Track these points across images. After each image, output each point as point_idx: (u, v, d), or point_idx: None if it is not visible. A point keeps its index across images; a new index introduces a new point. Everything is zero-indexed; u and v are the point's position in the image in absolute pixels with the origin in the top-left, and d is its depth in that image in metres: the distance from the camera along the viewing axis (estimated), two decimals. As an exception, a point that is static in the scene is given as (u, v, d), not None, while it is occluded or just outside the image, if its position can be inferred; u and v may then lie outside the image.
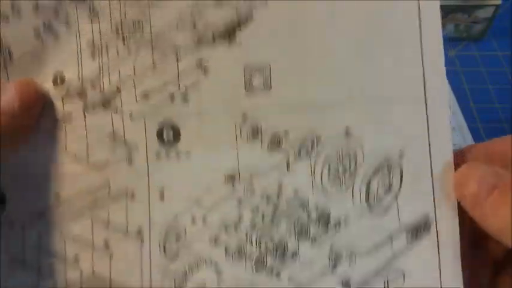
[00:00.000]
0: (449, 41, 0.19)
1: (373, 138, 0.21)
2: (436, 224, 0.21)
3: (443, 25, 0.23)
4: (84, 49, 0.21)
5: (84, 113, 0.21)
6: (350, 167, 0.21)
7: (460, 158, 0.21)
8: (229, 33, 0.21)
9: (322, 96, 0.21)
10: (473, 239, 0.21)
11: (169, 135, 0.21)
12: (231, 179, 0.21)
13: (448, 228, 0.20)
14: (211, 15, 0.21)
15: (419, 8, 0.20)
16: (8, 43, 0.21)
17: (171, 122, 0.21)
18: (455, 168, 0.20)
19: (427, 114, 0.21)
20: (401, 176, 0.21)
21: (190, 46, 0.21)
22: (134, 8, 0.21)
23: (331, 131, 0.21)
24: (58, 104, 0.21)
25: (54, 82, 0.21)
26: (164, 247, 0.21)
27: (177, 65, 0.21)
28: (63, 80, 0.21)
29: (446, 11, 0.49)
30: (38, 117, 0.20)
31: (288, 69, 0.21)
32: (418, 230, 0.21)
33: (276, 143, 0.21)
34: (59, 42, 0.21)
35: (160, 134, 0.21)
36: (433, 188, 0.20)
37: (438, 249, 0.21)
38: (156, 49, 0.21)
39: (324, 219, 0.21)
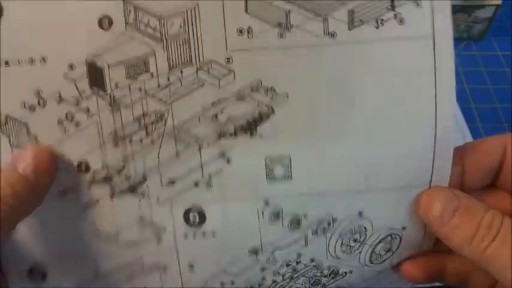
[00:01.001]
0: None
1: (383, 217, 0.23)
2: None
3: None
4: (107, 139, 0.21)
5: (111, 198, 0.22)
6: (360, 239, 0.23)
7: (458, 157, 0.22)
8: (251, 126, 0.21)
9: (339, 184, 0.22)
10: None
11: (195, 218, 0.22)
12: (255, 252, 0.23)
13: None
14: (233, 109, 0.20)
15: (436, 114, 0.21)
16: (35, 132, 0.21)
17: (197, 206, 0.22)
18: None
19: None
20: (400, 242, 0.24)
21: (213, 138, 0.21)
22: (156, 101, 0.20)
23: (346, 214, 0.22)
24: (85, 189, 0.22)
25: (79, 169, 0.21)
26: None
27: (200, 155, 0.21)
28: (88, 168, 0.21)
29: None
30: (51, 182, 0.21)
31: (307, 160, 0.21)
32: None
33: (295, 223, 0.22)
34: (82, 132, 0.21)
35: (186, 217, 0.22)
36: None
37: None
38: (179, 140, 0.21)
39: (334, 274, 0.24)
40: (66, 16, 0.20)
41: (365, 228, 0.23)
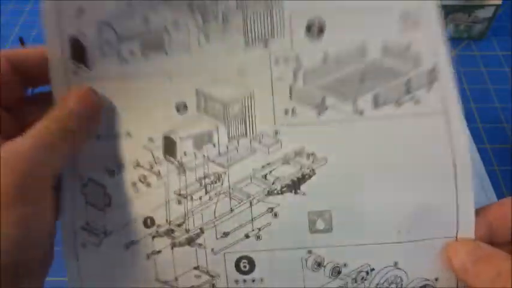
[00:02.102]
0: (449, 41, 0.22)
1: (417, 268, 0.26)
2: None
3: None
4: (172, 197, 0.25)
5: (172, 249, 0.25)
6: None
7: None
8: (295, 185, 0.26)
9: (375, 236, 0.25)
10: None
11: (245, 267, 0.26)
12: (299, 296, 0.26)
13: None
14: (280, 171, 0.25)
15: (455, 175, 0.26)
16: (110, 192, 0.25)
17: (247, 255, 0.26)
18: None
19: None
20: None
21: (262, 196, 0.25)
22: (216, 165, 0.25)
23: (382, 264, 0.26)
24: (148, 241, 0.25)
25: (145, 224, 0.25)
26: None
27: (251, 210, 0.25)
28: (153, 223, 0.25)
29: (447, 11, 0.49)
30: (99, 119, 0.24)
31: (346, 214, 0.25)
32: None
33: (336, 271, 0.26)
34: (151, 192, 0.25)
35: (238, 265, 0.26)
36: None
37: None
38: (233, 197, 0.25)
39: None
40: (152, 102, 0.25)
41: (401, 278, 0.26)
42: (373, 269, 0.26)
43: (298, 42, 0.26)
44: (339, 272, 0.26)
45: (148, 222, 0.25)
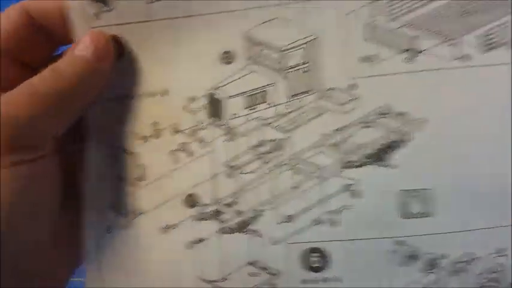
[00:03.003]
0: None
1: None
2: None
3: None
4: (220, 170, 0.20)
5: (219, 236, 0.20)
6: (499, 278, 0.20)
7: None
8: (381, 155, 0.19)
9: (486, 220, 0.19)
10: None
11: (316, 262, 0.20)
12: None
13: None
14: (359, 137, 0.20)
15: None
16: (144, 162, 0.20)
17: (318, 247, 0.20)
18: None
19: None
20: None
21: (336, 168, 0.20)
22: (273, 129, 0.20)
23: (485, 252, 0.20)
24: (190, 225, 0.20)
25: (186, 203, 0.20)
26: None
27: (321, 187, 0.20)
28: (196, 202, 0.20)
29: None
30: (111, 66, 0.20)
31: (451, 194, 0.19)
32: None
33: (431, 265, 0.20)
34: (193, 162, 0.20)
35: (306, 260, 0.20)
36: None
37: None
38: (297, 171, 0.20)
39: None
40: (189, 51, 0.20)
41: (502, 266, 0.20)
42: (474, 258, 0.20)
43: None
44: (434, 265, 0.20)
45: (191, 200, 0.20)
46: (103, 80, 0.20)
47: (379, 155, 0.19)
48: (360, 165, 0.20)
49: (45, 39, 0.21)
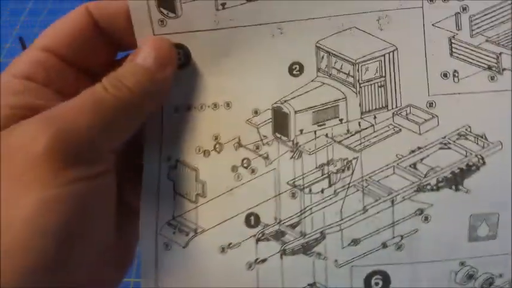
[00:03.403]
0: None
1: None
2: None
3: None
4: (284, 189, 0.19)
5: (281, 258, 0.19)
6: None
7: None
8: (457, 179, 0.18)
9: None
10: None
11: (378, 284, 0.19)
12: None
13: None
14: (436, 159, 0.18)
15: None
16: (204, 178, 0.19)
17: (381, 270, 0.19)
18: None
19: None
20: None
21: (409, 192, 0.18)
22: (344, 148, 0.19)
23: None
24: (251, 245, 0.19)
25: (248, 223, 0.19)
26: None
27: (393, 211, 0.19)
28: (258, 222, 0.19)
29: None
30: (172, 74, 0.19)
31: None
32: None
33: (488, 284, 0.19)
34: (257, 181, 0.19)
35: (368, 283, 0.19)
36: None
37: None
38: (368, 193, 0.19)
39: None
40: (256, 62, 0.19)
41: None
42: None
43: None
44: (491, 284, 0.19)
45: (252, 220, 0.19)
46: (165, 90, 0.19)
47: (456, 179, 0.18)
48: (436, 189, 0.18)
49: (106, 43, 0.20)
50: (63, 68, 0.19)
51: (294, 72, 0.19)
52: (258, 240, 0.19)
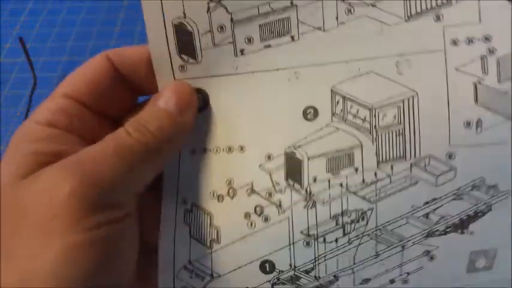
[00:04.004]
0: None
1: None
2: None
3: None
4: (298, 238, 0.19)
5: (295, 298, 0.20)
6: None
7: None
8: (463, 224, 0.18)
9: None
10: None
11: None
12: None
13: None
14: (448, 208, 0.18)
15: None
16: (218, 224, 0.19)
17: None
18: None
19: None
20: None
21: (419, 238, 0.19)
22: (359, 199, 0.18)
23: None
24: None
25: (263, 269, 0.19)
26: None
27: (402, 254, 0.19)
28: (273, 268, 0.19)
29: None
30: (194, 119, 0.19)
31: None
32: None
33: None
34: (270, 228, 0.19)
35: None
36: None
37: None
38: (381, 241, 0.19)
39: None
40: (271, 106, 0.18)
41: None
42: None
43: (488, 8, 0.17)
44: None
45: (267, 266, 0.19)
46: (186, 133, 0.18)
47: (462, 224, 0.18)
48: (444, 233, 0.19)
49: (127, 89, 0.19)
50: (85, 114, 0.19)
51: (308, 116, 0.18)
52: (273, 285, 0.19)
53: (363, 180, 0.18)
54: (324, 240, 0.19)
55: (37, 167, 0.17)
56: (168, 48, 0.18)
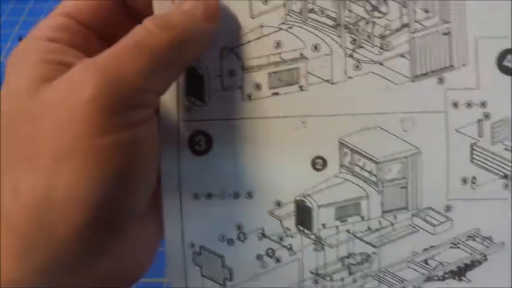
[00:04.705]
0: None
1: None
2: None
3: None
4: (308, 276, 0.20)
5: (304, 332, 0.21)
6: None
7: None
8: (460, 272, 0.20)
9: None
10: None
11: None
12: None
13: None
14: (446, 256, 0.20)
15: None
16: (231, 265, 0.20)
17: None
18: None
19: None
20: None
21: (419, 282, 0.20)
22: (364, 244, 0.20)
23: None
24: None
25: (274, 304, 0.21)
26: None
27: (402, 297, 0.21)
28: (283, 303, 0.21)
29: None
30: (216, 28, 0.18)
31: None
32: None
33: None
34: (282, 268, 0.20)
35: None
36: None
37: None
38: (383, 282, 0.20)
39: None
40: (280, 153, 0.19)
41: None
42: None
43: (488, 74, 0.18)
44: None
45: (277, 302, 0.21)
46: (208, 43, 0.18)
47: (460, 272, 0.20)
48: (441, 279, 0.20)
49: (131, 17, 0.18)
50: (87, 33, 0.18)
51: (317, 166, 0.20)
52: None
53: (369, 228, 0.20)
54: (331, 279, 0.20)
55: (50, 74, 0.16)
56: (177, 89, 0.19)
